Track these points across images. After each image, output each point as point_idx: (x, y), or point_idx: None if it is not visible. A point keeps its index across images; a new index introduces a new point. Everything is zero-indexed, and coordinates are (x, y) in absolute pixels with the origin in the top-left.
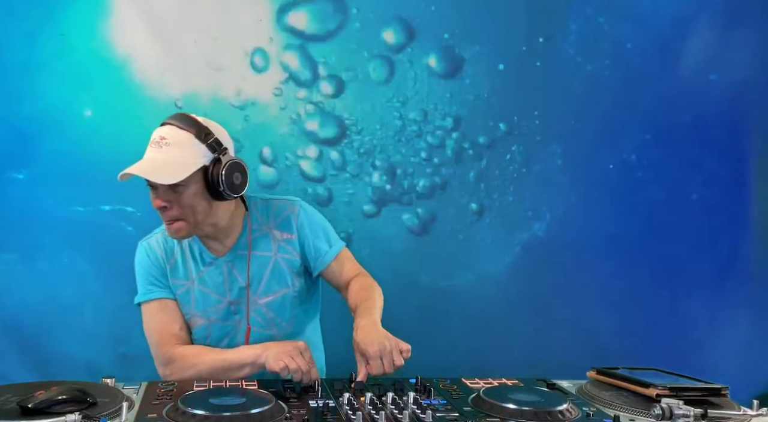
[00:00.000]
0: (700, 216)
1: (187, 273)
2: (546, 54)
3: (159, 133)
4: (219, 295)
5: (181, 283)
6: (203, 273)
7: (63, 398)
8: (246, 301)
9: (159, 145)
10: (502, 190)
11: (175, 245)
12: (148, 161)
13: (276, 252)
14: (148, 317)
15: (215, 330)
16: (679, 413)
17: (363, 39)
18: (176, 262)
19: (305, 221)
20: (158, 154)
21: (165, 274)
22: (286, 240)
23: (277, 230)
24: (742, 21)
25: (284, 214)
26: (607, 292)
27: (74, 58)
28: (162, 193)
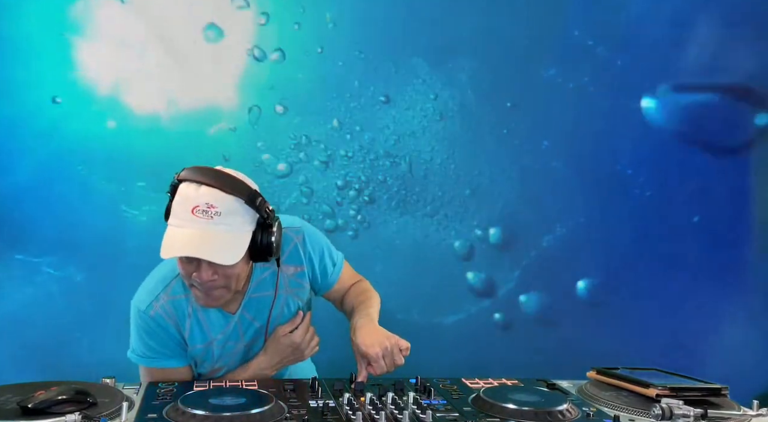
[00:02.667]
0: (700, 216)
1: (206, 336)
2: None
3: (204, 200)
4: (236, 343)
5: (200, 346)
6: (219, 335)
7: (63, 398)
8: (261, 337)
9: (208, 215)
10: (505, 193)
11: (185, 307)
12: (200, 237)
13: (287, 288)
14: (150, 375)
15: (233, 368)
16: (679, 413)
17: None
18: (192, 328)
19: (311, 248)
20: (209, 226)
21: (176, 341)
22: (296, 274)
23: (285, 264)
24: (739, 24)
25: (291, 246)
26: (607, 293)
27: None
28: (207, 266)
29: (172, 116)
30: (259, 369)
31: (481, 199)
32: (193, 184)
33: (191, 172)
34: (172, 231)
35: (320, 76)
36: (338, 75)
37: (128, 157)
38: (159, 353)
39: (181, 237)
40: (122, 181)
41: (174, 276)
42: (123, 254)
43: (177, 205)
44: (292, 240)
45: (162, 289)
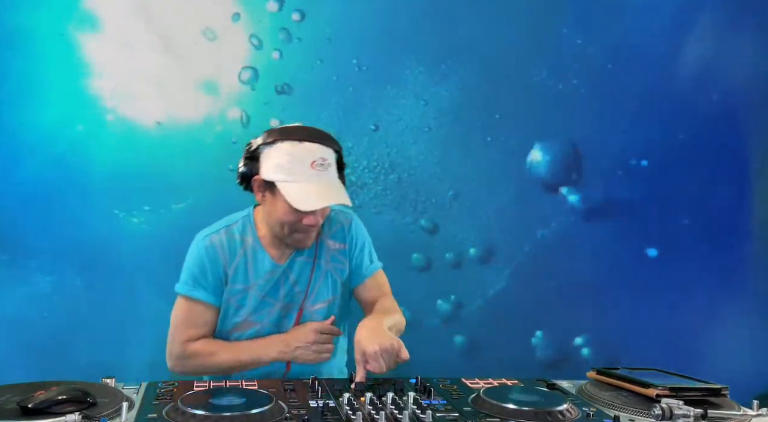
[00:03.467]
0: (700, 216)
1: (248, 278)
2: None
3: (319, 154)
4: (273, 300)
5: (240, 287)
6: (263, 280)
7: (63, 398)
8: (296, 307)
9: (324, 167)
10: (504, 195)
11: (238, 247)
12: (329, 187)
13: (329, 261)
14: (182, 310)
15: (265, 331)
16: (679, 413)
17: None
18: (238, 266)
19: (356, 233)
20: (327, 176)
21: (217, 277)
22: (338, 250)
23: (330, 240)
24: (736, 26)
25: (338, 224)
26: (607, 293)
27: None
28: (320, 210)
29: (171, 121)
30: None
31: (475, 197)
32: (297, 142)
33: (286, 131)
34: (296, 186)
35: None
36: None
37: (126, 161)
38: (198, 283)
39: (312, 190)
40: (120, 184)
41: (235, 222)
42: (122, 255)
43: (293, 162)
44: (340, 220)
45: (223, 228)
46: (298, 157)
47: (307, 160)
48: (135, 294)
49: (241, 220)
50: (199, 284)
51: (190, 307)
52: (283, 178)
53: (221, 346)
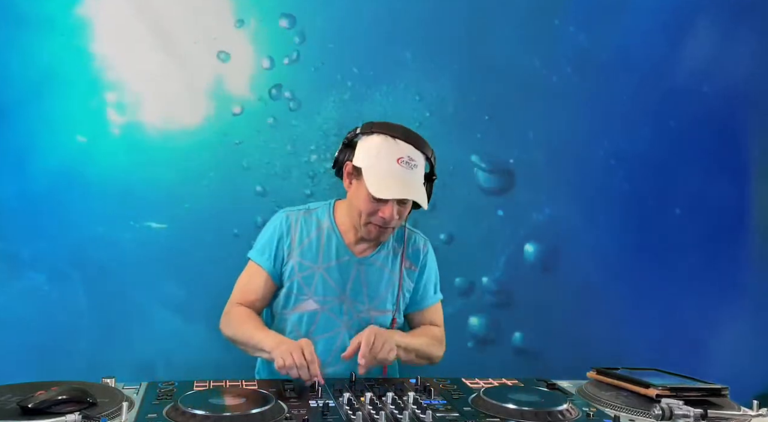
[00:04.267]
0: (700, 216)
1: (317, 258)
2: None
3: (407, 153)
4: (339, 289)
5: (309, 265)
6: (333, 263)
7: (63, 398)
8: (359, 307)
9: (410, 166)
10: (504, 196)
11: (312, 228)
12: (409, 183)
13: (401, 277)
14: (245, 272)
15: (322, 319)
16: (679, 413)
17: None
18: (311, 243)
19: (429, 260)
20: (411, 175)
21: (285, 250)
22: (409, 270)
23: (407, 258)
24: (736, 24)
25: (416, 246)
26: (607, 293)
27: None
28: (395, 205)
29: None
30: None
31: (470, 192)
32: (389, 137)
33: (385, 126)
34: (379, 175)
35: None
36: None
37: (131, 162)
38: (264, 250)
39: (391, 182)
40: (124, 182)
41: (317, 207)
42: (122, 255)
43: (381, 152)
44: (420, 242)
45: (304, 209)
46: (387, 149)
47: (395, 154)
48: (135, 293)
49: (323, 206)
50: (268, 253)
51: (251, 271)
52: (369, 164)
53: (253, 319)
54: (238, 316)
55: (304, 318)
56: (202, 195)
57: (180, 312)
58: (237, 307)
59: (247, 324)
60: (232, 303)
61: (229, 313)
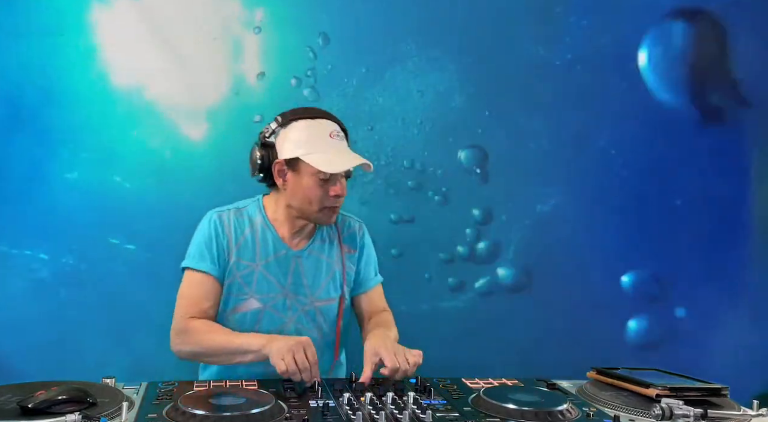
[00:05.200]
0: (700, 216)
1: (255, 256)
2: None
3: (334, 128)
4: (280, 285)
5: (247, 264)
6: (271, 259)
7: (63, 398)
8: (302, 300)
9: (341, 138)
10: (504, 195)
11: (245, 226)
12: (348, 152)
13: (339, 262)
14: (187, 283)
15: (266, 316)
16: (679, 413)
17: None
18: (246, 242)
19: (366, 242)
20: (345, 146)
21: (222, 251)
22: (348, 254)
23: (344, 243)
24: (739, 22)
25: (351, 229)
26: (607, 293)
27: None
28: (340, 180)
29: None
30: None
31: (472, 182)
32: (311, 119)
33: (298, 112)
34: (322, 154)
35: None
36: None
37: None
38: (204, 256)
39: (335, 155)
40: (135, 178)
41: (245, 205)
42: (122, 255)
43: (312, 135)
44: (354, 225)
45: (233, 208)
46: (316, 130)
47: (325, 130)
48: (136, 293)
49: (252, 203)
50: (205, 257)
51: (195, 280)
52: (305, 151)
53: (219, 328)
54: (200, 328)
55: (247, 318)
56: (204, 192)
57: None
58: (192, 321)
59: (214, 333)
60: (182, 318)
61: (186, 330)
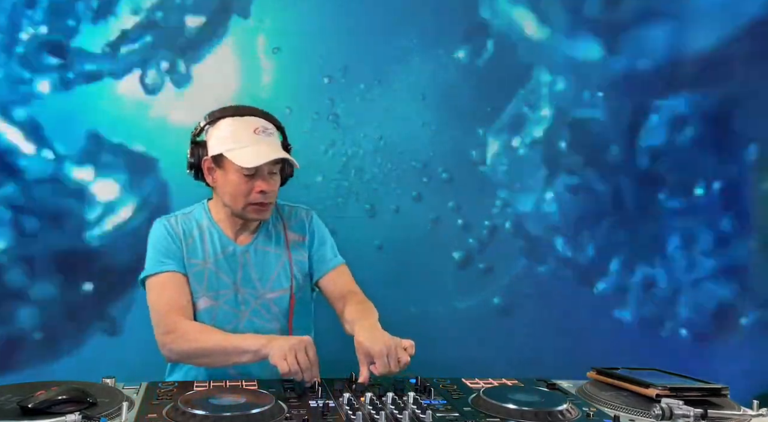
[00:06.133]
0: (699, 216)
1: (204, 255)
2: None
3: (261, 124)
4: (230, 281)
5: (196, 263)
6: (220, 257)
7: (63, 398)
8: (254, 294)
9: (267, 134)
10: (505, 196)
11: (193, 227)
12: (274, 147)
13: (288, 251)
14: (157, 288)
15: (220, 313)
16: (679, 413)
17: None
18: (194, 242)
19: (316, 228)
20: (271, 141)
21: (180, 250)
22: (298, 242)
23: (290, 231)
24: (738, 22)
25: (298, 218)
26: (607, 293)
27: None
28: (267, 176)
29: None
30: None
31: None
32: (239, 117)
33: (226, 110)
34: (243, 150)
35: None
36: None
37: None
38: (162, 257)
39: (257, 150)
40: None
41: (191, 210)
42: (123, 254)
43: (236, 132)
44: (300, 213)
45: (179, 213)
46: (241, 125)
47: (250, 127)
48: (135, 294)
49: (197, 207)
50: (168, 258)
51: (165, 283)
52: (228, 147)
53: (211, 328)
54: (192, 328)
55: (201, 316)
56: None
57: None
58: (182, 321)
59: (208, 333)
60: (170, 319)
61: (176, 329)
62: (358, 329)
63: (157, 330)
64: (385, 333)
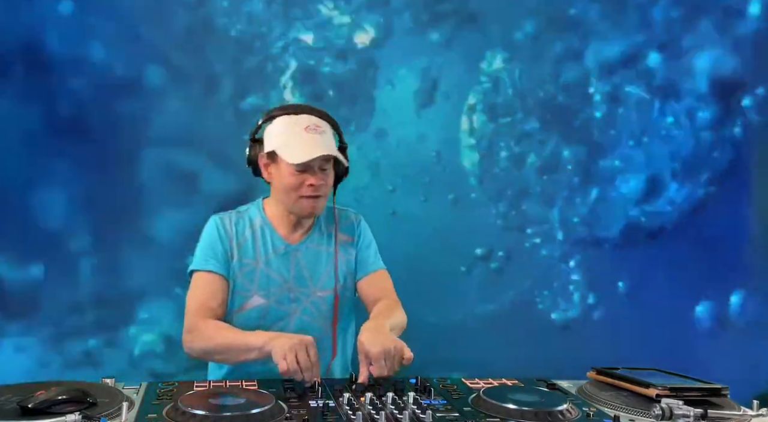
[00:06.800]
0: (699, 216)
1: (256, 254)
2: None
3: (312, 121)
4: (282, 279)
5: (248, 262)
6: (272, 255)
7: (63, 398)
8: (305, 292)
9: (318, 132)
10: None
11: (246, 227)
12: (323, 144)
13: (337, 252)
14: (195, 285)
15: (271, 311)
16: (679, 413)
17: None
18: (246, 242)
19: (363, 230)
20: (321, 139)
21: (227, 251)
22: (346, 243)
23: (341, 232)
24: (737, 22)
25: (348, 219)
26: (607, 292)
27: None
28: (318, 172)
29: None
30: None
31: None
32: (293, 114)
33: (283, 108)
34: (293, 146)
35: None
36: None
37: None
38: (209, 257)
39: (306, 147)
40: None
41: (246, 209)
42: (123, 254)
43: (287, 129)
44: (350, 215)
45: (234, 211)
46: (293, 123)
47: (301, 125)
48: (137, 293)
49: (252, 206)
50: (212, 258)
51: (202, 281)
52: (280, 143)
53: (226, 326)
54: (209, 327)
55: (252, 314)
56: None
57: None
58: (202, 320)
59: (223, 331)
60: (193, 317)
61: (196, 328)
62: (363, 328)
63: (184, 327)
64: (389, 335)
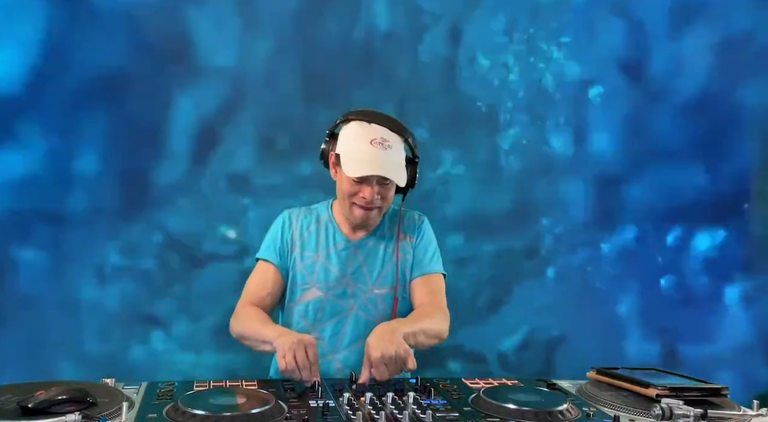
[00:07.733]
0: (699, 216)
1: (317, 248)
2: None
3: (380, 134)
4: (341, 274)
5: (310, 255)
6: (332, 250)
7: (63, 398)
8: (363, 288)
9: (384, 147)
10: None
11: (312, 222)
12: (383, 161)
13: (398, 251)
14: (254, 272)
15: (329, 304)
16: (679, 413)
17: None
18: (310, 236)
19: (426, 231)
20: (384, 154)
21: (288, 244)
22: (407, 243)
23: (403, 233)
24: (735, 22)
25: (411, 220)
26: (607, 293)
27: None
28: (376, 186)
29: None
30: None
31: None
32: (365, 122)
33: (360, 112)
34: (352, 158)
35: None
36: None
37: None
38: (270, 247)
39: (366, 162)
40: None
41: (317, 205)
42: (123, 254)
43: (355, 137)
44: (414, 217)
45: (305, 208)
46: (361, 132)
47: (369, 136)
48: (136, 293)
49: (323, 203)
50: (272, 250)
51: (260, 269)
52: (345, 150)
53: (259, 316)
54: (246, 314)
55: (309, 307)
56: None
57: (184, 313)
58: (246, 307)
59: (253, 320)
60: (241, 304)
61: (238, 313)
62: (375, 329)
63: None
64: (397, 340)
